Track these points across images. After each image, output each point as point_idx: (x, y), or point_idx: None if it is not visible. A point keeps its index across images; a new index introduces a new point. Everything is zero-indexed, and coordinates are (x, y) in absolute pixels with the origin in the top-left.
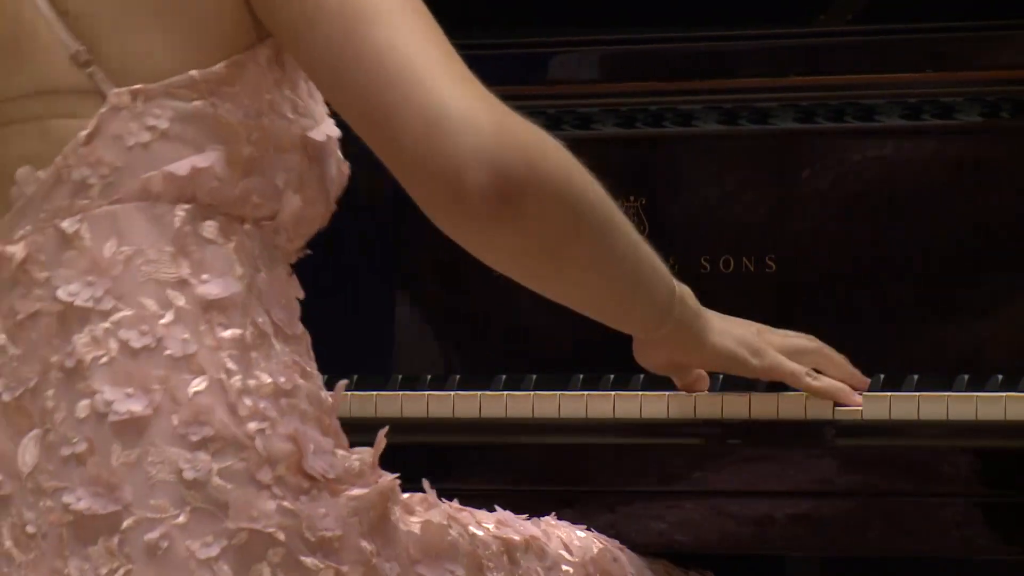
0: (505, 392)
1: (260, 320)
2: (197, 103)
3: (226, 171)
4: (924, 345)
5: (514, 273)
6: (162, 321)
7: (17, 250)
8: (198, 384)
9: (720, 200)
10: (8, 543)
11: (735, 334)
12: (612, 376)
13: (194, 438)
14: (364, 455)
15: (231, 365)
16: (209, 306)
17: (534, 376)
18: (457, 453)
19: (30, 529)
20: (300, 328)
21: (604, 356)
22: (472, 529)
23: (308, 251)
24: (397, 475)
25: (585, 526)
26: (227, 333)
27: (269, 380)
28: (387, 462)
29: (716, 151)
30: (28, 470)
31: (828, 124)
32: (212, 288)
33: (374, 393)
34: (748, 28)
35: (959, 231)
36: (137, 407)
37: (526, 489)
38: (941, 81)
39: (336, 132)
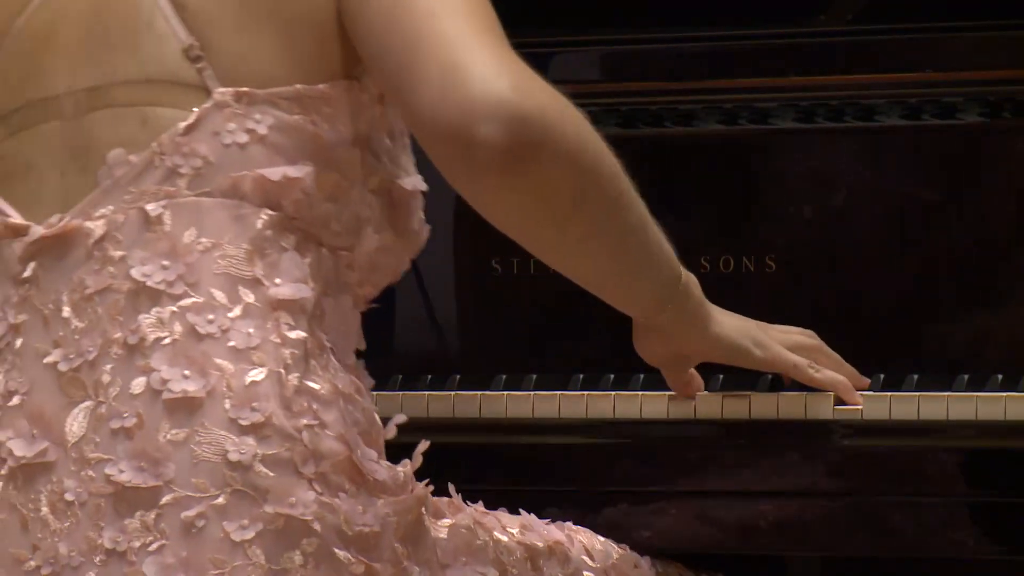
0: (505, 392)
1: (321, 336)
2: (297, 117)
3: (314, 188)
4: (924, 345)
5: (516, 233)
6: (230, 314)
7: (97, 227)
8: (256, 374)
9: (720, 200)
10: (45, 509)
11: (737, 326)
12: (612, 376)
13: (244, 423)
14: (406, 467)
15: (291, 363)
16: (278, 305)
17: (534, 376)
18: (457, 453)
19: (68, 497)
20: (352, 359)
21: (604, 356)
22: (497, 534)
23: (376, 304)
24: (428, 481)
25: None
26: (293, 334)
27: (328, 385)
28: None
29: (716, 151)
30: (74, 440)
31: (828, 124)
32: (283, 290)
33: (375, 393)
34: (748, 28)
35: (959, 231)
36: (192, 387)
37: (526, 489)
38: (941, 81)
39: (423, 187)
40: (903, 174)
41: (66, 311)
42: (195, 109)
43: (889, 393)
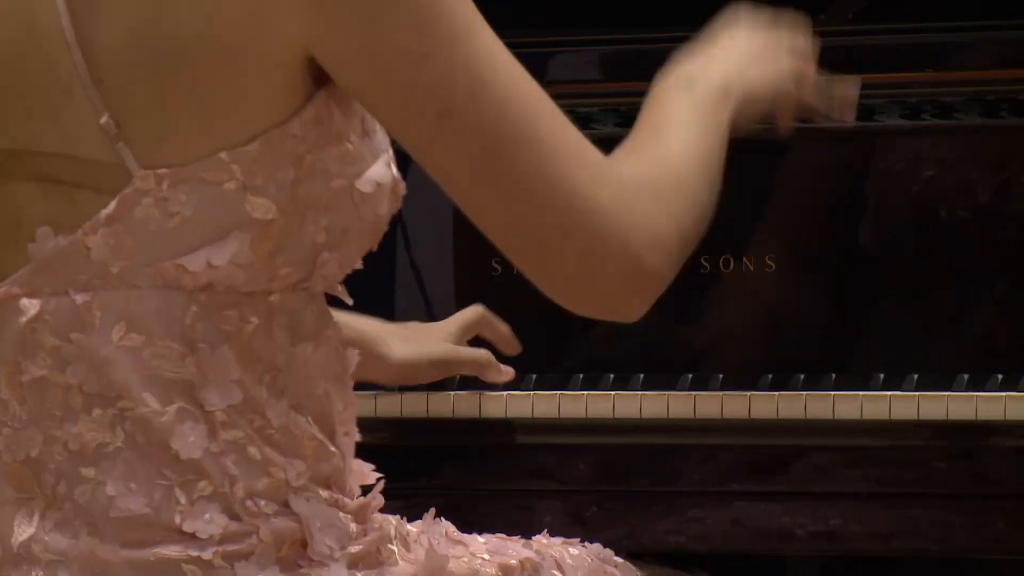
0: (505, 392)
1: (271, 415)
2: (226, 186)
3: (250, 255)
4: (924, 345)
5: None
6: (163, 419)
7: (30, 305)
8: (204, 488)
9: (720, 200)
10: None
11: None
12: (612, 376)
13: (201, 536)
14: (357, 506)
15: (235, 471)
16: (212, 408)
17: (534, 376)
18: (456, 453)
19: None
20: (320, 389)
21: (604, 356)
22: (465, 560)
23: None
24: (398, 516)
25: (579, 539)
26: (229, 435)
27: (278, 479)
28: (386, 464)
29: None
30: (23, 539)
31: (828, 124)
32: (213, 396)
33: (374, 393)
34: None
35: (959, 231)
36: (137, 504)
37: (524, 489)
38: (941, 81)
39: (387, 176)
40: (903, 174)
41: (4, 392)
42: (116, 195)
43: (889, 393)
